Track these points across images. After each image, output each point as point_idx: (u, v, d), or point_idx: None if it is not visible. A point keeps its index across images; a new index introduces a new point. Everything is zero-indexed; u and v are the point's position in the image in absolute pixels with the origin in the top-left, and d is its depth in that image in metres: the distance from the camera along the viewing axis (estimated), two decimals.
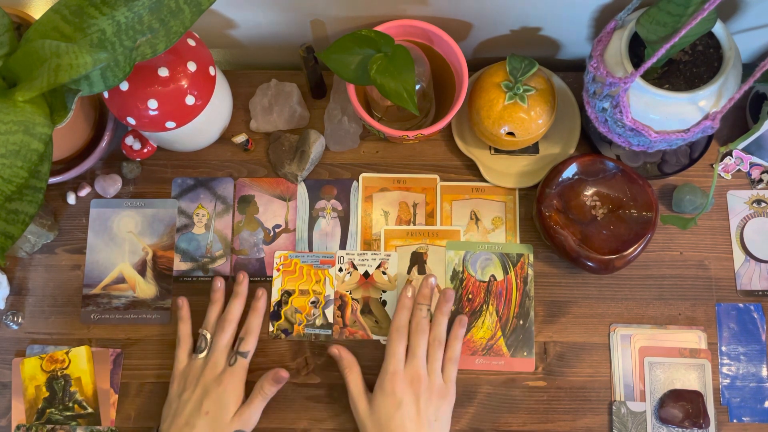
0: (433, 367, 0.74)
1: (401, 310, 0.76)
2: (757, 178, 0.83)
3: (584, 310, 0.80)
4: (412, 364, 0.73)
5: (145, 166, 0.85)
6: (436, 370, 0.74)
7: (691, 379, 0.78)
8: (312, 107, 0.86)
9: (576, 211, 0.77)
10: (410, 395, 0.71)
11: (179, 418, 0.72)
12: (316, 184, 0.84)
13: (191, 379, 0.74)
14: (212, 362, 0.74)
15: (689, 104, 0.69)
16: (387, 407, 0.71)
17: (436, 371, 0.74)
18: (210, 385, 0.73)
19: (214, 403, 0.72)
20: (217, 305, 0.79)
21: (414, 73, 0.70)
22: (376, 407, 0.71)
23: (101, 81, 0.63)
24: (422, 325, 0.75)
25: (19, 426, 0.78)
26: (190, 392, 0.73)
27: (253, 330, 0.77)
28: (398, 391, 0.71)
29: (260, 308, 0.78)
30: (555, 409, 0.78)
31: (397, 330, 0.75)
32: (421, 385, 0.72)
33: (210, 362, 0.75)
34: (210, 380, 0.73)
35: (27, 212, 0.63)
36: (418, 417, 0.71)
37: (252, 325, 0.77)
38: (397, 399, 0.71)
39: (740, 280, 0.81)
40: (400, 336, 0.74)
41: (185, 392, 0.74)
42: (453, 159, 0.85)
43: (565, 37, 0.83)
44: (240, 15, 0.78)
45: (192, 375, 0.74)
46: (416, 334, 0.74)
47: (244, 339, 0.76)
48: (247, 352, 0.76)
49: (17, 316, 0.80)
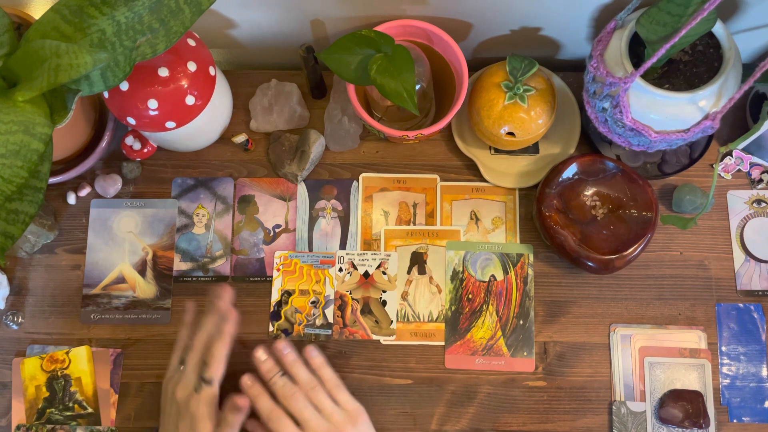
0: (327, 410, 0.71)
1: (256, 400, 0.71)
2: (757, 178, 0.83)
3: (584, 310, 0.80)
4: (309, 428, 0.69)
5: (145, 166, 0.85)
6: (331, 410, 0.71)
7: (691, 379, 0.78)
8: (312, 107, 0.86)
9: (576, 211, 0.77)
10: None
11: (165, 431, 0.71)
12: (316, 184, 0.84)
13: (169, 394, 0.72)
14: (184, 381, 0.71)
15: (689, 104, 0.69)
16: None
17: (332, 412, 0.71)
18: (181, 405, 0.70)
19: (187, 428, 0.69)
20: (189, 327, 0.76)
21: (414, 73, 0.70)
22: None
23: (101, 81, 0.63)
24: (288, 391, 0.71)
25: (19, 426, 0.78)
26: (169, 407, 0.71)
27: (217, 356, 0.71)
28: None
29: (227, 333, 0.72)
30: (555, 409, 0.78)
31: (270, 418, 0.70)
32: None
33: (183, 381, 0.71)
34: (181, 400, 0.70)
35: (27, 212, 0.63)
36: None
37: (216, 351, 0.71)
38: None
39: (740, 280, 0.81)
40: (280, 417, 0.70)
41: (167, 406, 0.72)
42: (453, 159, 0.85)
43: (565, 37, 0.83)
44: (240, 15, 0.78)
45: (170, 389, 0.72)
46: (291, 402, 0.71)
47: (207, 365, 0.70)
48: (212, 379, 0.70)
49: (17, 316, 0.80)
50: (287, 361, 0.73)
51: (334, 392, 0.73)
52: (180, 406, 0.70)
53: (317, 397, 0.72)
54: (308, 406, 0.71)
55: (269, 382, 0.72)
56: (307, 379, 0.72)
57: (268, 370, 0.73)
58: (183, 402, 0.70)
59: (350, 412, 0.72)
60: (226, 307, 0.74)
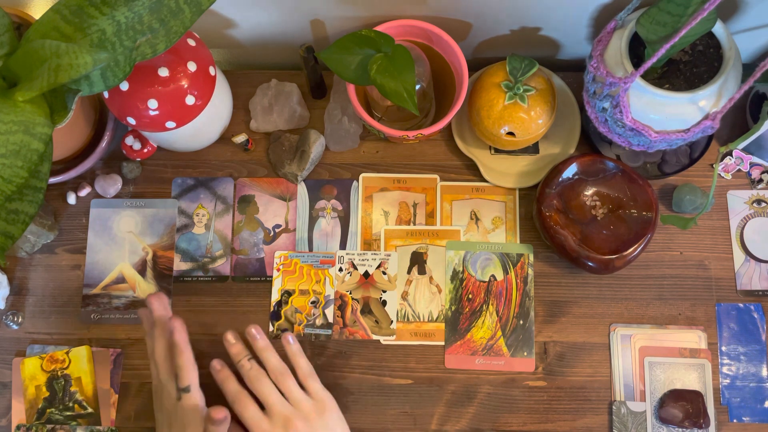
0: (294, 396, 0.70)
1: (223, 383, 0.71)
2: (757, 178, 0.83)
3: (584, 310, 0.80)
4: (274, 413, 0.69)
5: (145, 166, 0.85)
6: (299, 397, 0.70)
7: (691, 379, 0.78)
8: (312, 107, 0.86)
9: (576, 211, 0.77)
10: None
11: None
12: (316, 184, 0.84)
13: (157, 399, 0.71)
14: (166, 392, 0.70)
15: (689, 104, 0.69)
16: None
17: (299, 399, 0.70)
18: (170, 413, 0.69)
19: None
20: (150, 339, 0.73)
21: (414, 73, 0.70)
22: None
23: (101, 81, 0.63)
24: (255, 374, 0.70)
25: (19, 426, 0.78)
26: (160, 415, 0.71)
27: (182, 365, 0.69)
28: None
29: (179, 342, 0.69)
30: (555, 409, 0.78)
31: (235, 400, 0.69)
32: (296, 423, 0.68)
33: (164, 391, 0.70)
34: (169, 409, 0.69)
35: (27, 212, 0.63)
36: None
37: (179, 362, 0.69)
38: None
39: (740, 280, 0.81)
40: (243, 402, 0.69)
41: (157, 413, 0.72)
42: (453, 159, 0.85)
43: (565, 37, 0.83)
44: (240, 15, 0.78)
45: (157, 395, 0.71)
46: (257, 385, 0.70)
47: (178, 375, 0.69)
48: (188, 387, 0.68)
49: (17, 316, 0.80)
50: (258, 346, 0.73)
51: (306, 381, 0.72)
52: (169, 413, 0.70)
53: (285, 383, 0.71)
54: (274, 391, 0.70)
55: (237, 365, 0.72)
56: (277, 365, 0.72)
57: (237, 353, 0.72)
58: (170, 410, 0.69)
59: (319, 401, 0.71)
60: (165, 316, 0.71)
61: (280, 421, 0.68)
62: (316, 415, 0.70)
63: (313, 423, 0.69)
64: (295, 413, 0.69)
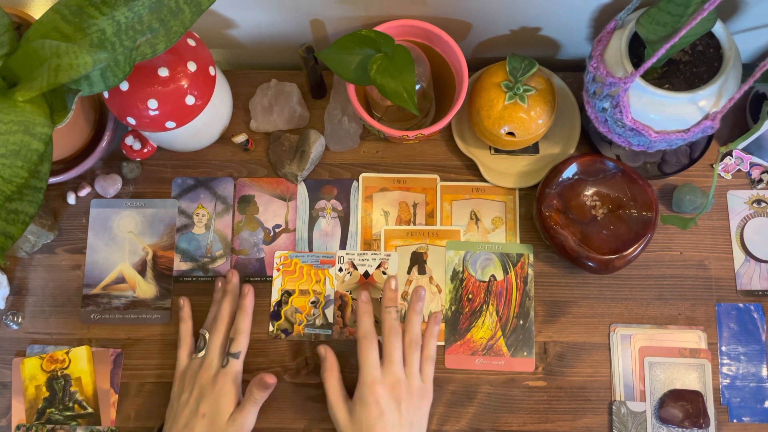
0: (412, 370, 0.72)
1: (363, 315, 0.74)
2: (757, 178, 0.83)
3: (584, 310, 0.80)
4: (390, 371, 0.71)
5: (145, 166, 0.85)
6: (415, 372, 0.73)
7: (691, 379, 0.78)
8: (312, 107, 0.86)
9: (576, 211, 0.77)
10: (392, 402, 0.70)
11: (179, 420, 0.72)
12: (316, 184, 0.84)
13: (189, 380, 0.74)
14: (207, 363, 0.74)
15: (689, 104, 0.69)
16: (369, 417, 0.69)
17: (414, 374, 0.72)
18: (205, 386, 0.72)
19: (210, 405, 0.71)
20: (217, 304, 0.78)
21: (414, 73, 0.70)
22: (358, 418, 0.70)
23: (101, 81, 0.63)
24: (394, 328, 0.73)
25: (19, 426, 0.78)
26: (188, 394, 0.73)
27: (242, 330, 0.75)
28: (381, 400, 0.70)
29: (247, 306, 0.77)
30: (555, 409, 0.78)
31: (365, 337, 0.73)
32: (401, 391, 0.71)
33: (205, 363, 0.74)
34: (205, 382, 0.73)
35: (27, 212, 0.63)
36: (401, 422, 0.70)
37: (240, 325, 0.75)
38: (380, 408, 0.69)
39: (740, 280, 0.81)
40: (370, 343, 0.73)
41: (184, 393, 0.73)
42: (453, 159, 0.85)
43: (565, 37, 0.83)
44: (240, 15, 0.78)
45: (189, 376, 0.74)
46: (390, 337, 0.73)
47: (234, 339, 0.75)
48: (238, 353, 0.74)
49: (17, 316, 0.80)
50: (414, 307, 0.76)
51: (426, 362, 0.74)
52: (204, 387, 0.72)
53: (412, 354, 0.73)
54: (401, 353, 0.73)
55: (384, 309, 0.75)
56: (416, 334, 0.74)
57: (391, 299, 0.75)
58: (208, 382, 0.72)
59: (426, 387, 0.73)
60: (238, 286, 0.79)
61: (390, 379, 0.71)
62: (417, 396, 0.72)
63: (412, 400, 0.71)
64: (405, 383, 0.72)
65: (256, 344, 0.79)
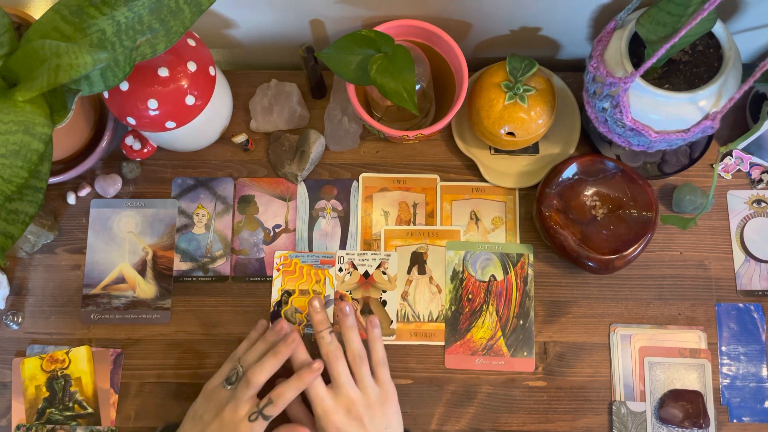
0: (364, 382, 0.71)
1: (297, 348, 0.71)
2: (757, 178, 0.83)
3: (584, 310, 0.80)
4: (340, 394, 0.69)
5: (145, 166, 0.85)
6: (368, 383, 0.71)
7: (691, 379, 0.78)
8: (312, 107, 0.86)
9: (576, 211, 0.77)
10: (354, 424, 0.68)
11: None
12: (316, 184, 0.84)
13: (212, 406, 0.70)
14: (233, 403, 0.68)
15: (689, 104, 0.69)
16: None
17: (368, 385, 0.71)
18: (226, 425, 0.68)
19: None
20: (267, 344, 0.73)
21: (414, 73, 0.70)
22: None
23: (101, 81, 0.63)
24: (333, 351, 0.71)
25: (19, 426, 0.78)
26: (209, 418, 0.69)
27: (286, 399, 0.69)
28: (341, 427, 0.68)
29: (305, 379, 0.70)
30: (555, 409, 0.78)
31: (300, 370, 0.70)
32: (359, 408, 0.69)
33: (233, 401, 0.68)
34: (227, 420, 0.68)
35: (27, 212, 0.63)
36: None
37: (287, 394, 0.69)
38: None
39: (740, 280, 0.81)
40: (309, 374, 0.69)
41: (206, 414, 0.70)
42: (453, 159, 0.85)
43: (565, 37, 0.83)
44: (240, 15, 0.78)
45: (215, 402, 0.70)
46: (332, 362, 0.71)
47: (273, 403, 0.68)
48: (270, 417, 0.68)
49: (17, 316, 0.80)
50: (345, 323, 0.74)
51: (378, 367, 0.73)
52: (224, 425, 0.68)
53: (360, 369, 0.71)
54: (347, 371, 0.71)
55: (317, 334, 0.72)
56: (357, 349, 0.72)
57: (320, 322, 0.73)
58: (230, 423, 0.68)
59: (384, 391, 0.72)
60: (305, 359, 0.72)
61: (343, 402, 0.69)
62: (378, 405, 0.71)
63: (374, 411, 0.70)
64: (361, 399, 0.70)
65: None
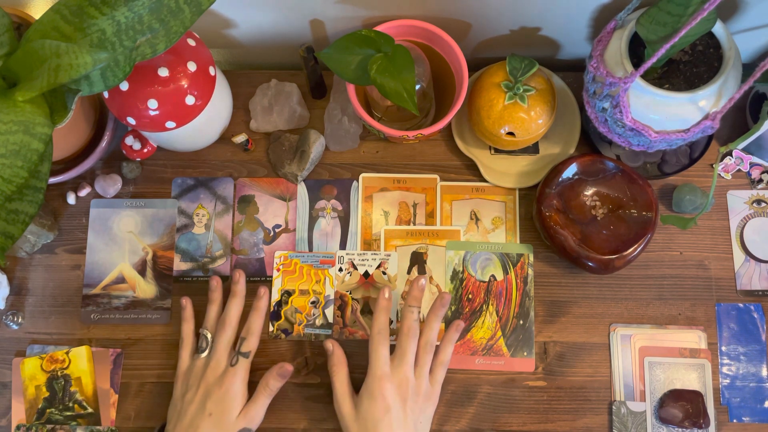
0: (422, 371, 0.73)
1: (380, 311, 0.74)
2: (757, 178, 0.83)
3: (584, 310, 0.80)
4: (400, 368, 0.72)
5: (145, 166, 0.85)
6: (425, 374, 0.73)
7: (691, 379, 0.78)
8: (312, 107, 0.86)
9: (576, 211, 0.77)
10: (398, 400, 0.70)
11: (183, 419, 0.72)
12: (316, 184, 0.84)
13: (194, 380, 0.74)
14: (214, 362, 0.74)
15: (689, 104, 0.69)
16: (375, 412, 0.69)
17: (424, 375, 0.73)
18: (212, 386, 0.72)
19: (217, 404, 0.71)
20: (216, 304, 0.78)
21: (414, 73, 0.70)
22: (363, 412, 0.70)
23: (101, 81, 0.63)
24: (413, 328, 0.73)
25: (19, 426, 0.78)
26: (193, 393, 0.73)
27: (254, 330, 0.76)
28: (387, 396, 0.70)
29: (262, 308, 0.78)
30: (555, 409, 0.78)
31: (379, 332, 0.73)
32: (408, 389, 0.71)
33: (211, 362, 0.74)
34: (212, 381, 0.73)
35: (27, 212, 0.63)
36: (405, 421, 0.70)
37: (253, 325, 0.76)
38: (386, 403, 0.70)
39: (740, 280, 0.81)
40: (383, 338, 0.73)
41: (188, 393, 0.73)
42: (453, 159, 0.85)
43: (565, 37, 0.83)
44: (240, 15, 0.78)
45: (194, 375, 0.74)
46: (407, 337, 0.73)
47: (246, 339, 0.75)
48: (249, 352, 0.75)
49: (17, 316, 0.80)
50: (436, 312, 0.75)
51: (438, 366, 0.74)
52: (210, 387, 0.72)
53: (425, 357, 0.73)
54: (414, 352, 0.73)
55: (407, 307, 0.75)
56: (431, 338, 0.74)
57: (415, 298, 0.75)
58: (214, 381, 0.72)
59: (434, 391, 0.74)
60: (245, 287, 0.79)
61: (399, 376, 0.71)
62: (423, 397, 0.72)
63: (418, 401, 0.72)
64: (414, 382, 0.72)
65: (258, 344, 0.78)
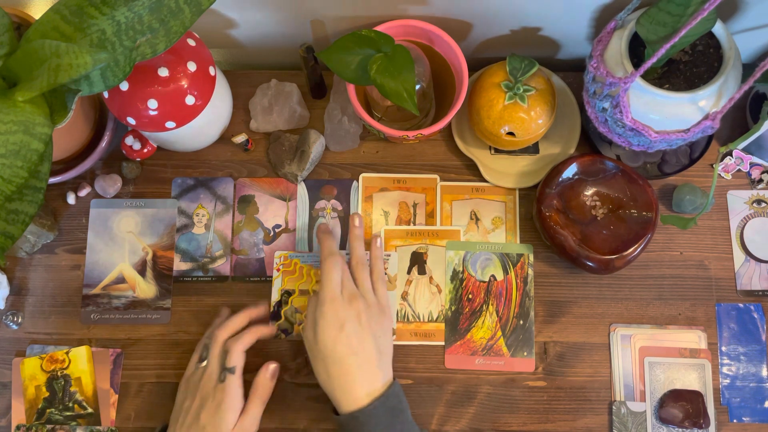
0: (364, 287, 0.73)
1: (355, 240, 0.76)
2: (757, 178, 0.83)
3: (584, 310, 0.80)
4: (344, 287, 0.72)
5: (145, 166, 0.85)
6: (368, 288, 0.74)
7: (691, 379, 0.78)
8: (312, 107, 0.86)
9: (576, 211, 0.77)
10: (351, 314, 0.70)
11: (181, 427, 0.71)
12: (316, 184, 0.84)
13: (192, 388, 0.73)
14: (208, 373, 0.72)
15: (689, 104, 0.69)
16: (329, 332, 0.69)
17: (368, 290, 0.73)
18: (206, 397, 0.71)
19: (211, 417, 0.70)
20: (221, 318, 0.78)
21: (414, 73, 0.70)
22: (320, 335, 0.69)
23: (101, 81, 0.63)
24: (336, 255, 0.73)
25: (19, 426, 0.78)
26: (190, 402, 0.72)
27: (234, 348, 0.72)
28: (340, 312, 0.70)
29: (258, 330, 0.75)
30: (555, 409, 0.78)
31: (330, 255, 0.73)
32: (359, 303, 0.71)
33: (206, 373, 0.72)
34: (206, 392, 0.71)
35: (27, 212, 0.63)
36: (362, 330, 0.70)
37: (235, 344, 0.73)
38: (339, 321, 0.69)
39: (740, 280, 0.81)
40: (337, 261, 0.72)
41: (186, 400, 0.72)
42: (453, 159, 0.85)
43: (565, 37, 0.83)
44: (240, 15, 0.78)
45: (193, 384, 0.73)
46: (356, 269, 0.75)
47: (229, 351, 0.72)
48: (233, 368, 0.71)
49: (17, 316, 0.80)
50: (353, 233, 0.77)
51: (376, 282, 0.75)
52: (205, 398, 0.71)
53: (361, 273, 0.74)
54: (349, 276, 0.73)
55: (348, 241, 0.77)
56: (360, 256, 0.75)
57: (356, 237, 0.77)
58: (209, 393, 0.71)
59: (381, 302, 0.74)
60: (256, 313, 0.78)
61: (347, 294, 0.71)
62: (377, 311, 0.73)
63: (373, 312, 0.72)
64: (360, 296, 0.72)
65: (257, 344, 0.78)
